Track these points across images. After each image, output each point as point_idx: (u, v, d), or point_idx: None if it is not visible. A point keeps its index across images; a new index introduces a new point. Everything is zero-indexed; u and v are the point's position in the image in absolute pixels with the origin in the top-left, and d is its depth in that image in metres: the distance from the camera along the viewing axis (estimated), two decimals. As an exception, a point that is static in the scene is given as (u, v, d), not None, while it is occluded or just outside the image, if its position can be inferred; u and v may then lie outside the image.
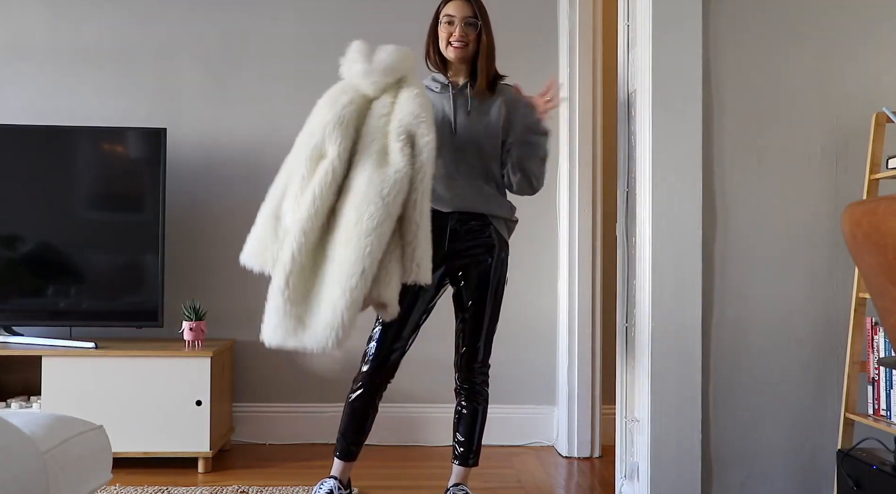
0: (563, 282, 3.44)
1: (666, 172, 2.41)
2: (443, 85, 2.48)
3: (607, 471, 3.08)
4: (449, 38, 2.42)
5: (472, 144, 2.43)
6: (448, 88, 2.47)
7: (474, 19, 2.42)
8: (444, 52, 2.45)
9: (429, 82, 2.51)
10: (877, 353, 2.33)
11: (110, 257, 3.25)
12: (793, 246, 2.47)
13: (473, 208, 2.43)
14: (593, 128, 3.37)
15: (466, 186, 2.43)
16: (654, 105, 2.41)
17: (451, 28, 2.42)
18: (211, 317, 3.31)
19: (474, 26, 2.42)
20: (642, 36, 2.49)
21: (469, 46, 2.43)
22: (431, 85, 2.50)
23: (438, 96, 2.47)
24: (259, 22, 3.56)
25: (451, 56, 2.45)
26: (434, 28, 2.48)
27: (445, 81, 2.48)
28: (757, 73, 2.47)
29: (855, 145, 2.47)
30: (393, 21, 3.56)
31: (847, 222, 1.20)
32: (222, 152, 3.50)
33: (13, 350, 3.02)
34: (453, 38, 2.42)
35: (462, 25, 2.41)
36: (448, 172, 2.41)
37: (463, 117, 2.44)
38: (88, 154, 3.29)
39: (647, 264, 2.42)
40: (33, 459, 1.37)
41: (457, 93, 2.46)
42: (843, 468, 2.27)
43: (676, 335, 2.40)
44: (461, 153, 2.43)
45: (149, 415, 2.96)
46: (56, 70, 3.50)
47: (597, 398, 3.38)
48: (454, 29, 2.42)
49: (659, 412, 2.39)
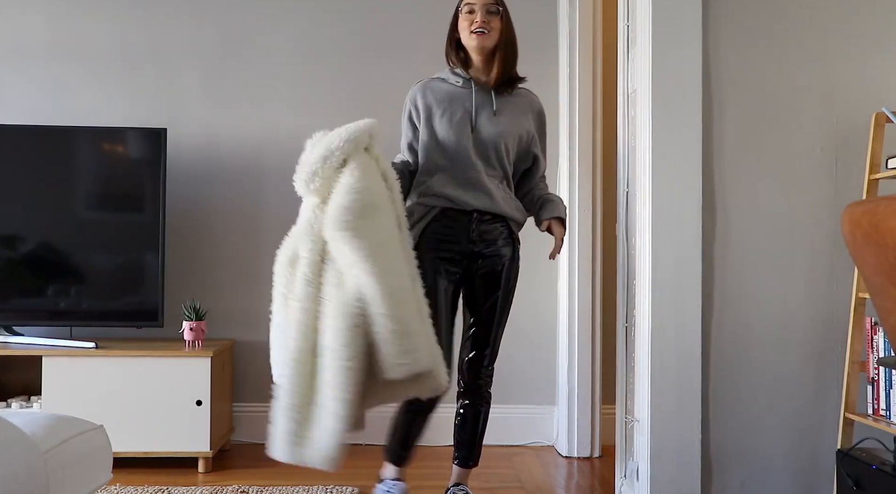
0: (563, 282, 3.44)
1: (666, 172, 2.41)
2: (465, 79, 2.41)
3: (607, 471, 3.08)
4: (470, 26, 2.34)
5: (492, 144, 2.37)
6: (470, 82, 2.40)
7: (496, 6, 2.36)
8: (466, 41, 2.37)
9: (447, 75, 2.45)
10: (876, 353, 2.33)
11: (110, 257, 3.25)
12: (793, 246, 2.47)
13: (494, 208, 2.38)
14: (593, 128, 3.37)
15: (486, 185, 2.37)
16: (654, 105, 2.41)
17: (472, 16, 2.35)
18: (211, 317, 3.31)
19: (496, 14, 2.36)
20: (642, 36, 2.49)
21: (491, 35, 2.35)
22: (451, 78, 2.43)
23: (459, 91, 2.40)
24: (259, 23, 3.56)
25: (472, 44, 2.36)
26: (455, 22, 2.42)
27: (467, 75, 2.41)
28: (757, 73, 2.47)
29: (855, 145, 2.47)
30: (393, 21, 3.57)
31: (847, 221, 1.19)
32: (222, 152, 3.50)
33: (13, 350, 3.02)
34: (474, 26, 2.34)
35: (483, 13, 2.34)
36: (465, 169, 2.35)
37: (486, 116, 2.38)
38: (88, 154, 3.29)
39: (647, 264, 2.42)
40: (33, 459, 1.37)
41: (480, 90, 2.40)
42: (842, 468, 2.27)
43: (676, 335, 2.40)
44: (481, 152, 2.37)
45: (149, 415, 2.96)
46: (56, 70, 3.50)
47: (597, 398, 3.39)
48: (475, 16, 2.34)
49: (659, 412, 2.39)
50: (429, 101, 2.41)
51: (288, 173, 2.13)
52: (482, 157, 2.37)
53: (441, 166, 2.37)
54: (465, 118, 2.36)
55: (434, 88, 2.43)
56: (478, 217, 2.37)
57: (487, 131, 2.37)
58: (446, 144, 2.36)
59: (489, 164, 2.38)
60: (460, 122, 2.35)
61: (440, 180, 2.36)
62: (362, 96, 3.47)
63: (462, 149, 2.35)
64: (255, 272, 3.37)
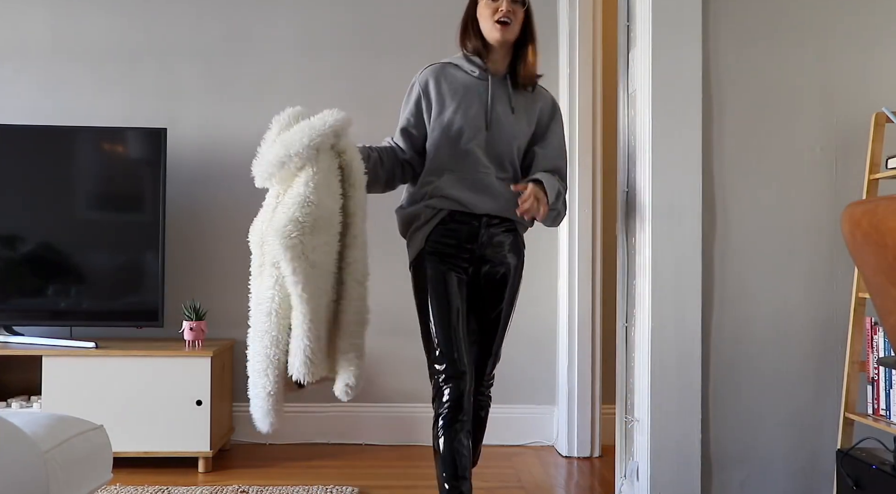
0: (563, 282, 3.44)
1: (666, 172, 2.41)
2: (481, 70, 2.22)
3: (607, 471, 3.08)
4: (493, 14, 2.15)
5: (506, 143, 2.22)
6: (487, 75, 2.22)
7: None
8: (487, 32, 2.18)
9: (461, 62, 2.26)
10: (876, 353, 2.33)
11: (110, 257, 3.25)
12: (793, 246, 2.47)
13: (505, 212, 2.23)
14: (593, 128, 3.37)
15: (497, 187, 2.22)
16: (654, 105, 2.41)
17: (496, 4, 2.15)
18: (211, 317, 3.31)
19: (521, 3, 2.19)
20: (642, 36, 2.49)
21: (513, 27, 2.17)
22: (465, 66, 2.24)
23: (474, 82, 2.22)
24: (259, 22, 3.56)
25: (494, 36, 2.17)
26: (472, 9, 2.23)
27: (484, 65, 2.22)
28: (757, 72, 2.47)
29: (855, 145, 2.47)
30: (394, 19, 3.57)
31: (847, 221, 1.20)
32: (222, 152, 3.50)
33: (13, 350, 3.03)
34: (498, 15, 2.14)
35: (509, 1, 2.15)
36: (475, 171, 2.20)
37: (502, 113, 2.22)
38: (88, 154, 3.29)
39: (647, 264, 2.42)
40: (33, 459, 1.37)
41: (497, 84, 2.23)
42: (842, 467, 2.27)
43: (676, 335, 2.40)
44: (494, 152, 2.21)
45: (149, 415, 2.96)
46: (56, 70, 3.50)
47: (597, 398, 3.38)
48: (500, 4, 2.14)
49: (659, 412, 2.39)
50: (443, 90, 2.23)
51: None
52: (494, 158, 2.22)
53: (449, 167, 2.21)
54: (479, 114, 2.20)
55: (448, 76, 2.24)
56: (486, 221, 2.23)
57: (502, 130, 2.22)
58: (457, 141, 2.20)
59: (501, 166, 2.24)
60: (475, 117, 2.19)
61: (448, 182, 2.21)
62: (363, 94, 3.47)
63: (474, 148, 2.20)
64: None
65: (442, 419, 2.10)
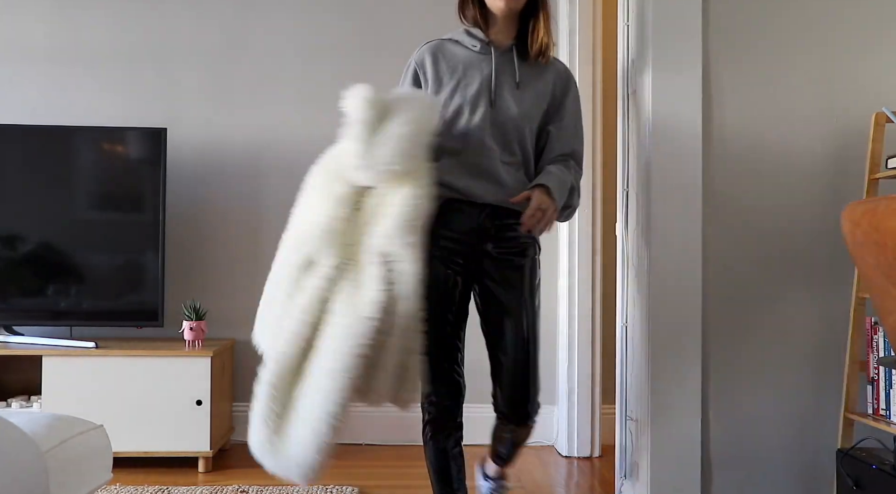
0: (563, 282, 3.44)
1: (666, 172, 2.41)
2: (483, 43, 2.02)
3: (607, 471, 3.08)
4: None
5: (513, 123, 2.00)
6: (489, 48, 2.01)
7: None
8: (491, 1, 1.99)
9: (461, 37, 2.07)
10: (876, 353, 2.33)
11: (110, 257, 3.25)
12: (793, 246, 2.47)
13: (507, 202, 2.01)
14: (593, 128, 3.37)
15: (503, 174, 2.01)
16: (654, 105, 2.41)
17: None
18: (211, 317, 3.31)
19: None
20: (642, 36, 2.49)
21: None
22: (466, 41, 2.05)
23: (475, 57, 2.03)
24: (259, 22, 3.56)
25: (498, 6, 1.96)
26: None
27: (486, 38, 2.02)
28: (757, 72, 2.47)
29: (855, 145, 2.47)
30: (394, 21, 3.56)
31: (847, 221, 1.20)
32: (222, 152, 3.50)
33: (13, 350, 3.03)
34: None
35: None
36: (478, 155, 1.99)
37: (509, 90, 2.01)
38: (88, 154, 3.29)
39: (647, 264, 2.42)
40: (33, 459, 1.37)
41: (501, 57, 2.02)
42: (842, 467, 2.27)
43: (676, 335, 2.40)
44: (499, 132, 2.00)
45: (149, 415, 2.97)
46: (56, 70, 3.51)
47: (597, 398, 3.38)
48: None
49: (659, 412, 2.39)
50: (440, 68, 2.05)
51: (288, 173, 2.13)
52: (500, 140, 2.00)
53: (448, 150, 2.00)
54: (481, 91, 2.00)
55: (447, 53, 2.06)
56: (490, 212, 2.01)
57: (508, 108, 2.00)
58: (457, 123, 2.00)
59: (507, 149, 2.01)
60: (476, 96, 1.99)
61: (446, 167, 1.99)
62: (362, 96, 3.47)
63: (476, 130, 1.98)
64: (255, 272, 3.36)
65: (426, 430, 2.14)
